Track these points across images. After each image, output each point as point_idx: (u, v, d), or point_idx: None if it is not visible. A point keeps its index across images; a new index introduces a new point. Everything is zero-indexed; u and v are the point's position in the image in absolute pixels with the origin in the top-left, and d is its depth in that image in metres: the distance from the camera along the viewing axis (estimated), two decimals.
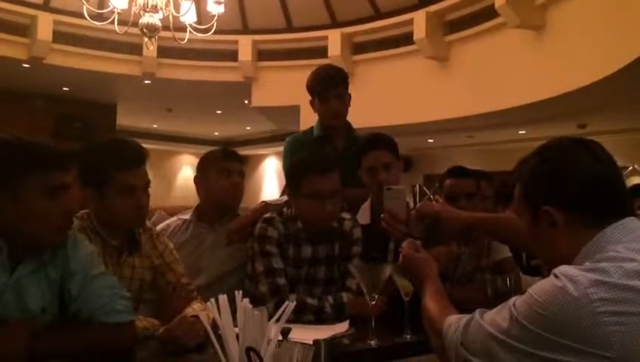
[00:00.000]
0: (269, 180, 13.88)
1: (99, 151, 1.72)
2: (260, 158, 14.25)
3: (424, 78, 7.56)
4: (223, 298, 1.01)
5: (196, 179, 2.29)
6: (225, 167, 2.23)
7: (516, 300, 1.02)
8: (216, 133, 13.34)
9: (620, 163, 1.19)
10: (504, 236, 1.66)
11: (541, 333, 0.95)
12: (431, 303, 1.25)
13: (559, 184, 1.08)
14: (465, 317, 1.10)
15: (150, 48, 5.13)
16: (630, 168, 8.86)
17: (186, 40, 5.19)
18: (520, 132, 8.65)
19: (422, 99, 7.47)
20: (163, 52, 7.94)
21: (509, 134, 8.82)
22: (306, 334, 1.44)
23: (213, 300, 1.02)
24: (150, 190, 1.73)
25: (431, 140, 9.97)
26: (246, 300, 0.99)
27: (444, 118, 7.44)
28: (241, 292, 1.03)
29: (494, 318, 1.03)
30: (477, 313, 1.09)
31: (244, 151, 14.05)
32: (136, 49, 7.90)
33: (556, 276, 0.98)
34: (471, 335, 1.06)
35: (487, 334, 1.02)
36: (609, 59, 5.17)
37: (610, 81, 5.36)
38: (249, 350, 0.90)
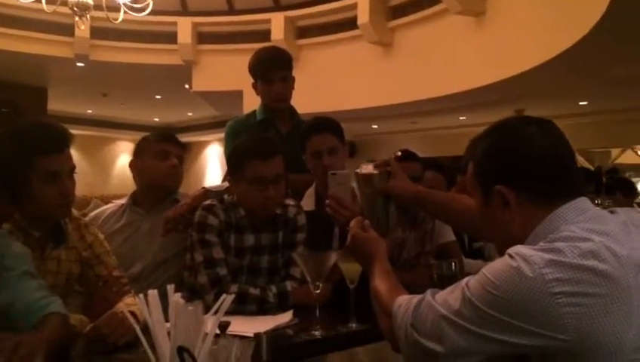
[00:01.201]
0: (212, 168, 13.65)
1: (18, 136, 1.56)
2: (202, 145, 13.96)
3: (368, 64, 7.58)
4: (152, 293, 0.92)
5: (132, 164, 2.19)
6: (162, 149, 2.13)
7: (469, 280, 0.99)
8: (156, 119, 12.96)
9: None
10: (448, 213, 1.60)
11: (494, 314, 0.92)
12: (380, 283, 1.21)
13: (512, 163, 1.07)
14: (416, 298, 1.07)
15: (82, 28, 4.88)
16: None
17: (120, 20, 4.96)
18: (460, 118, 8.84)
19: (366, 85, 7.48)
20: (97, 33, 7.58)
21: (451, 120, 9.01)
22: (247, 326, 1.38)
23: (141, 295, 0.92)
24: (76, 176, 1.60)
25: (375, 126, 10.04)
26: (178, 295, 0.90)
27: (387, 103, 7.50)
28: (173, 286, 0.94)
29: (446, 299, 1.00)
30: (428, 293, 1.05)
31: (186, 138, 13.72)
32: (67, 29, 7.51)
33: (511, 256, 0.95)
34: (421, 315, 1.02)
35: (438, 315, 0.99)
36: (546, 46, 5.32)
37: (548, 67, 5.52)
38: (181, 349, 0.81)
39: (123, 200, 2.21)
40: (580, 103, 7.96)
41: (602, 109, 8.27)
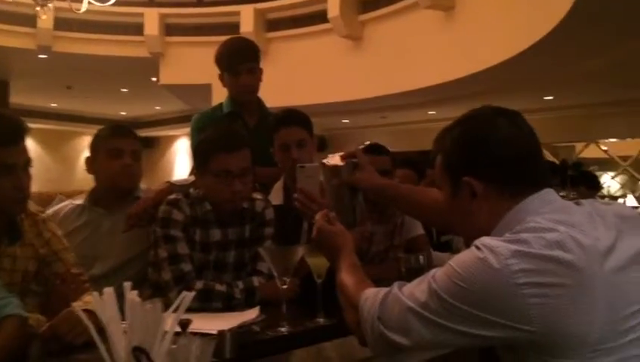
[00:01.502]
0: (181, 163, 13.45)
1: None
2: (170, 140, 13.76)
3: (338, 57, 7.56)
4: (107, 290, 0.87)
5: (87, 161, 2.07)
6: (114, 147, 2.01)
7: (436, 272, 0.99)
8: (123, 113, 12.70)
9: None
10: (415, 206, 1.58)
11: (460, 306, 0.92)
12: (346, 277, 1.19)
13: (480, 154, 1.06)
14: (383, 291, 1.05)
15: (43, 18, 4.72)
16: None
17: (82, 10, 4.82)
18: (430, 112, 8.90)
19: (336, 79, 7.47)
20: (60, 24, 7.37)
21: (420, 115, 9.07)
22: (211, 323, 1.34)
23: (96, 293, 0.88)
24: (33, 170, 1.53)
25: (345, 120, 10.04)
26: (134, 292, 0.86)
27: (357, 97, 7.50)
28: (130, 283, 0.90)
29: (413, 291, 1.00)
30: (395, 286, 1.04)
31: (154, 133, 13.51)
32: (29, 20, 7.25)
33: (477, 247, 0.95)
34: (388, 308, 1.01)
35: (404, 307, 0.98)
36: (514, 41, 5.40)
37: (514, 61, 5.60)
38: (136, 349, 0.77)
39: (80, 200, 2.08)
40: (545, 98, 8.10)
41: (567, 104, 8.44)
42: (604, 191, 9.13)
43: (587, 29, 4.72)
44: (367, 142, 2.35)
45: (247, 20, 7.88)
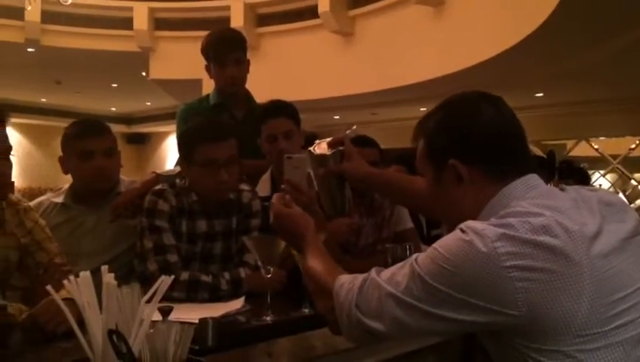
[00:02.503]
0: (173, 159, 13.34)
1: None
2: (162, 136, 13.68)
3: (329, 53, 7.55)
4: (84, 274, 0.86)
5: (60, 161, 1.96)
6: (84, 149, 1.89)
7: (418, 256, 0.97)
8: (113, 109, 12.62)
9: None
10: (401, 193, 1.55)
11: (444, 290, 0.90)
12: (315, 262, 1.13)
13: (465, 137, 1.05)
14: (360, 277, 1.02)
15: (28, 9, 4.66)
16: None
17: (69, 2, 4.76)
18: (421, 109, 8.90)
19: (327, 75, 7.46)
20: (48, 17, 7.31)
21: (411, 111, 9.05)
22: (196, 313, 1.33)
23: (72, 277, 0.86)
24: (21, 163, 1.50)
25: (337, 117, 10.03)
26: (111, 275, 0.85)
27: (348, 93, 7.48)
28: (107, 266, 0.88)
29: (393, 276, 0.97)
30: (373, 271, 1.01)
31: (145, 129, 13.44)
32: (16, 13, 7.18)
33: (462, 230, 0.93)
34: (366, 294, 0.98)
35: (384, 293, 0.96)
36: (504, 36, 5.41)
37: (504, 57, 5.62)
38: (112, 332, 0.76)
39: (59, 198, 1.98)
40: (536, 95, 8.13)
41: (558, 101, 8.47)
42: None
43: (575, 25, 4.74)
44: (354, 127, 2.31)
45: (237, 15, 7.85)
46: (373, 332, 0.97)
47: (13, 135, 1.54)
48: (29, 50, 7.86)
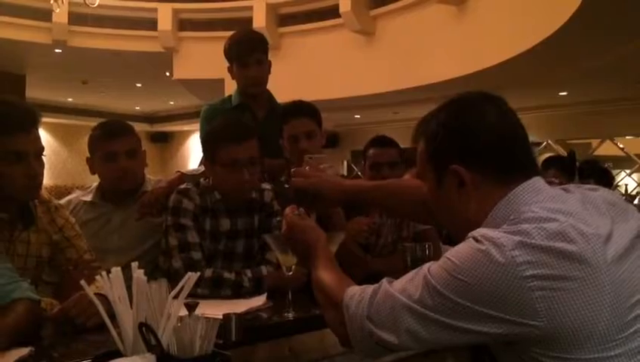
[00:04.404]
0: (196, 158, 13.50)
1: None
2: (185, 135, 13.83)
3: (350, 53, 7.55)
4: (115, 270, 0.90)
5: (88, 162, 2.03)
6: (107, 151, 1.95)
7: (431, 266, 0.94)
8: (138, 108, 12.80)
9: (534, 139, 1.14)
10: (389, 205, 1.44)
11: (460, 301, 0.87)
12: (325, 273, 1.11)
13: (468, 141, 1.01)
14: (370, 288, 0.99)
15: (57, 11, 4.78)
16: (544, 144, 9.33)
17: (96, 4, 4.87)
18: None
19: (348, 74, 7.46)
20: (75, 19, 7.45)
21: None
22: (219, 309, 1.37)
23: (104, 273, 0.91)
24: (48, 162, 1.56)
25: (357, 116, 10.03)
26: (141, 271, 0.89)
27: (369, 93, 7.48)
28: (137, 263, 0.92)
29: (405, 286, 0.94)
30: (384, 281, 0.98)
31: (168, 128, 13.60)
32: (44, 14, 7.35)
33: (477, 239, 0.90)
34: (378, 305, 0.96)
35: (397, 304, 0.93)
36: (527, 35, 5.35)
37: (528, 56, 5.56)
38: (142, 326, 0.80)
39: (88, 197, 2.05)
40: (560, 94, 8.02)
41: (582, 100, 8.35)
42: (622, 190, 9.00)
43: (599, 24, 4.67)
44: (318, 155, 1.96)
45: (259, 15, 7.90)
46: (385, 343, 0.95)
47: (42, 134, 1.59)
48: (57, 51, 8.02)
